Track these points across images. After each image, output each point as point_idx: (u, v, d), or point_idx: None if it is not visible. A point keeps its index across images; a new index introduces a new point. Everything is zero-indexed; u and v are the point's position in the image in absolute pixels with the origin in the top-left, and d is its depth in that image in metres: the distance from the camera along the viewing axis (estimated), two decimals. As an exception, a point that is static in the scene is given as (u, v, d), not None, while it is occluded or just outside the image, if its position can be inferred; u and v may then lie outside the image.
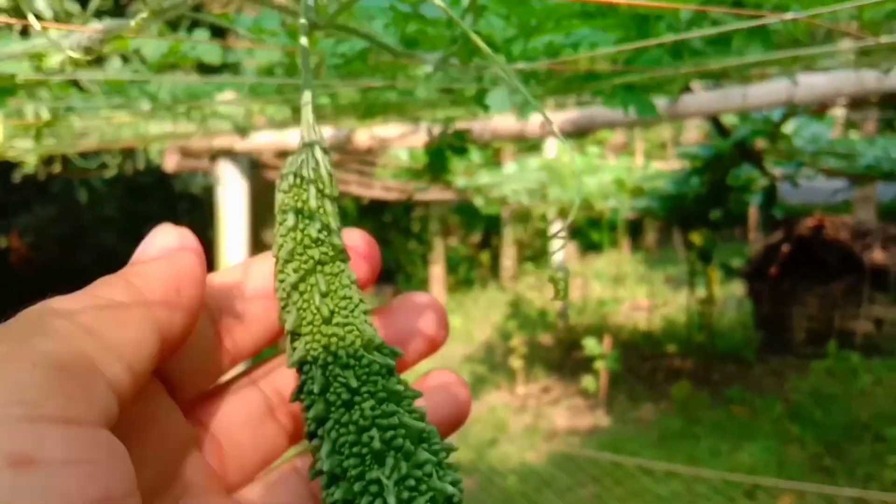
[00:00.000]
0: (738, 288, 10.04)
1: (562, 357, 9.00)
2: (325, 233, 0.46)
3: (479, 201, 7.13)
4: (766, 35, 1.43)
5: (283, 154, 5.79)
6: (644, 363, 8.49)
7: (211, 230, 12.82)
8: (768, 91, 2.69)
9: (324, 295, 0.44)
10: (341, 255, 0.46)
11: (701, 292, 8.22)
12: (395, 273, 13.56)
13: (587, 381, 7.42)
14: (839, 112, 6.89)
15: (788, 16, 1.06)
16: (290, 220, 0.45)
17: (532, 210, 10.53)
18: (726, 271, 8.45)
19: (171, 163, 4.33)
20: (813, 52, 1.71)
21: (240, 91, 1.89)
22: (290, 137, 4.20)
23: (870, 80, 2.06)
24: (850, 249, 7.66)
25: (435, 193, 7.50)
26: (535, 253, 14.39)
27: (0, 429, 0.26)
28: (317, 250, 0.45)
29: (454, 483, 0.41)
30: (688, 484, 5.08)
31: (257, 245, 6.68)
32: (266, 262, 0.47)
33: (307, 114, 0.47)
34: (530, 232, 14.61)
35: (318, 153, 0.47)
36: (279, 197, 0.47)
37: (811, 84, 2.75)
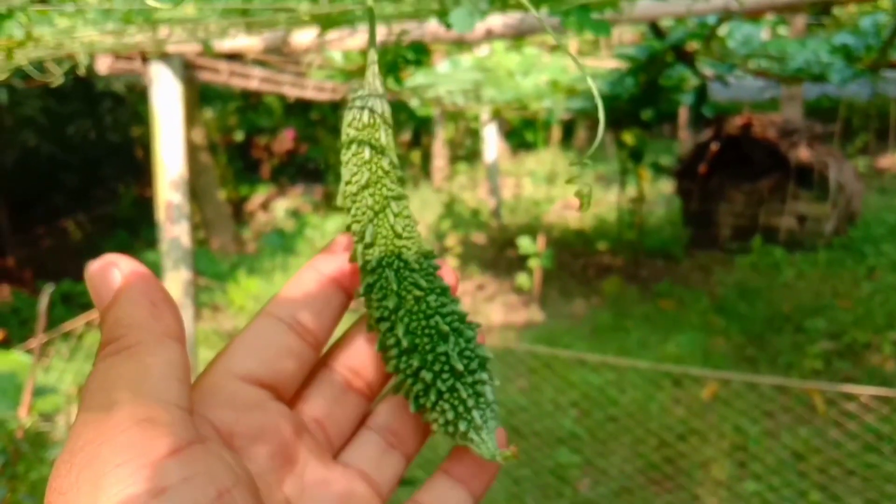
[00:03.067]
0: (667, 186, 10.26)
1: (496, 255, 9.16)
2: (392, 165, 0.57)
3: (414, 103, 7.09)
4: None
5: (207, 54, 5.64)
6: (576, 260, 8.70)
7: (135, 128, 12.50)
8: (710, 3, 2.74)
9: (395, 215, 0.56)
10: (402, 182, 0.58)
11: (631, 191, 8.39)
12: (324, 173, 13.46)
13: (521, 279, 7.59)
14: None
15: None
16: (367, 153, 0.56)
17: (465, 110, 10.51)
18: (656, 170, 8.61)
19: (103, 66, 4.20)
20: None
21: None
22: (227, 41, 4.10)
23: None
24: (776, 148, 7.87)
25: (369, 94, 7.39)
26: (467, 152, 14.40)
27: (142, 473, 0.38)
28: (387, 179, 0.57)
29: (485, 350, 0.56)
30: (619, 373, 5.31)
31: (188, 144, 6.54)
32: (310, 271, 0.56)
33: (373, 70, 0.57)
34: (462, 131, 14.58)
35: (384, 101, 0.57)
36: (350, 133, 0.57)
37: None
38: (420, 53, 1.94)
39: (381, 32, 3.59)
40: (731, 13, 3.06)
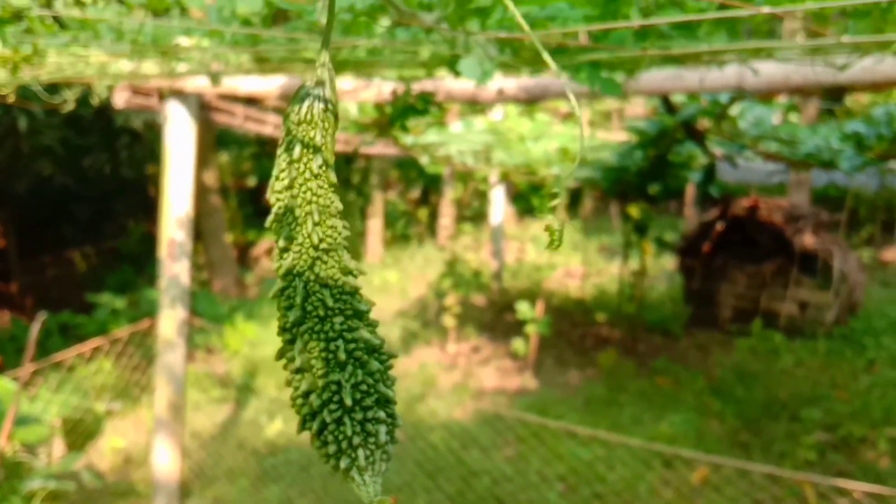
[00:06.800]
0: (669, 262, 10.24)
1: (494, 318, 9.11)
2: (324, 167, 0.53)
3: (424, 160, 7.12)
4: (732, 25, 1.47)
5: (227, 97, 5.70)
6: (574, 329, 8.63)
7: (150, 166, 12.60)
8: (724, 75, 2.74)
9: (315, 224, 0.52)
10: (333, 188, 0.54)
11: (634, 264, 8.36)
12: (332, 224, 13.47)
13: (517, 344, 7.52)
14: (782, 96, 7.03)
15: (765, 9, 1.09)
16: (297, 151, 0.53)
17: (475, 171, 10.54)
18: (660, 245, 8.60)
19: (120, 100, 4.21)
20: (774, 46, 1.75)
21: (214, 37, 1.87)
22: (243, 84, 4.14)
23: (825, 74, 2.11)
24: (781, 232, 7.86)
25: (380, 148, 7.46)
26: (473, 214, 14.43)
27: None
28: (315, 183, 0.53)
29: (392, 386, 0.53)
30: (609, 449, 5.22)
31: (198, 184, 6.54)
32: None
33: (326, 66, 0.54)
34: (470, 192, 14.63)
35: (329, 99, 0.54)
36: (288, 126, 0.54)
37: (762, 72, 2.81)
38: (428, 103, 1.94)
39: (393, 84, 3.61)
40: (743, 92, 3.07)
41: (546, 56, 0.60)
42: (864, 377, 6.71)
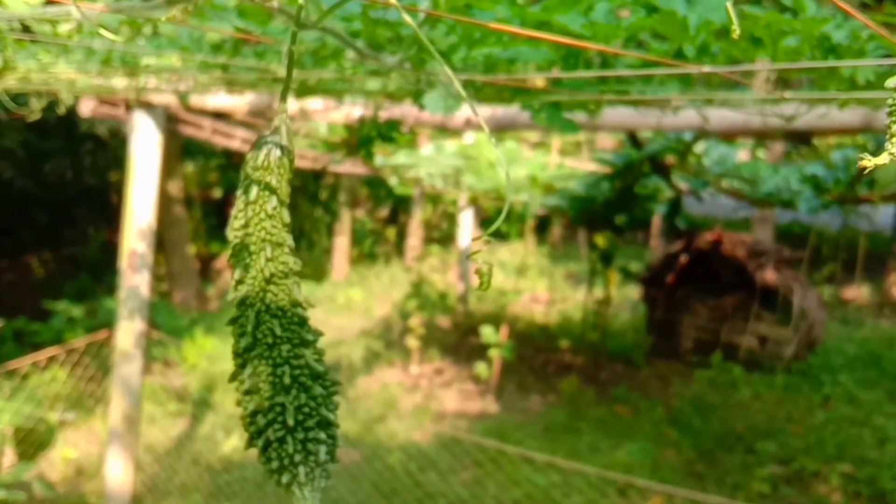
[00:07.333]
0: (633, 291, 10.32)
1: (458, 341, 9.12)
2: (278, 208, 0.59)
3: (393, 181, 7.15)
4: (685, 78, 1.51)
5: (193, 111, 5.70)
6: (537, 355, 8.67)
7: (113, 173, 12.46)
8: (683, 117, 2.80)
9: (268, 259, 0.58)
10: (286, 227, 0.60)
11: (599, 292, 8.43)
12: (298, 240, 13.44)
13: (480, 368, 7.54)
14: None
15: (705, 68, 1.13)
16: (253, 193, 0.59)
17: (444, 194, 10.59)
18: (625, 274, 8.69)
19: (86, 108, 4.20)
20: (724, 97, 1.80)
21: (185, 61, 1.89)
22: (212, 99, 4.16)
23: (775, 121, 2.17)
24: (744, 267, 7.97)
25: (349, 167, 7.50)
26: (441, 235, 14.47)
27: None
28: (269, 222, 0.59)
29: (334, 410, 0.58)
30: (565, 476, 5.24)
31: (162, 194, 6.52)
32: None
33: (283, 117, 0.60)
34: (439, 214, 14.67)
35: (284, 149, 0.60)
36: (246, 171, 0.60)
37: (722, 116, 2.87)
38: (392, 130, 1.96)
39: (363, 108, 3.63)
40: (705, 132, 3.13)
41: (462, 92, 0.64)
42: (820, 413, 6.80)
